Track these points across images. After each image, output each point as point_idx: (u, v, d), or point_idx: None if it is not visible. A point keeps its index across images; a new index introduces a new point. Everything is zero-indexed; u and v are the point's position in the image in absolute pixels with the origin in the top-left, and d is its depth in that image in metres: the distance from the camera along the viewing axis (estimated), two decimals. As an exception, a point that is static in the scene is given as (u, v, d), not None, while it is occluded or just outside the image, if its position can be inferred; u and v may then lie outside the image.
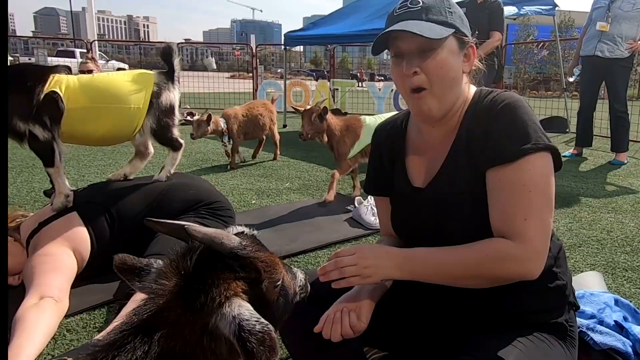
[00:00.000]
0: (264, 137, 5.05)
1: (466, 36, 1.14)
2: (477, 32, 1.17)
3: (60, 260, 1.91)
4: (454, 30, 1.10)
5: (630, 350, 1.31)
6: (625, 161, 4.97)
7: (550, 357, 1.09)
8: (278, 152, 5.13)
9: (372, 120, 3.42)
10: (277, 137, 5.09)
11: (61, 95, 2.09)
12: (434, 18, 1.09)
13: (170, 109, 2.35)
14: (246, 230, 0.92)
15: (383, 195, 1.36)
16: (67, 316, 1.81)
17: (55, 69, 2.17)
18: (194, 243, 0.80)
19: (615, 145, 4.99)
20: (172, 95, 2.36)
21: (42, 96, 2.05)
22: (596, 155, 5.40)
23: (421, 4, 1.10)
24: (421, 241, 1.23)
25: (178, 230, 0.82)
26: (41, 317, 1.64)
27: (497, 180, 1.06)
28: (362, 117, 3.55)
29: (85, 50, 10.89)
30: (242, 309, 0.73)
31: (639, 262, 2.40)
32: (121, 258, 0.84)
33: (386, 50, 1.20)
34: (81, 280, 2.01)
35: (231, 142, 4.63)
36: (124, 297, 1.77)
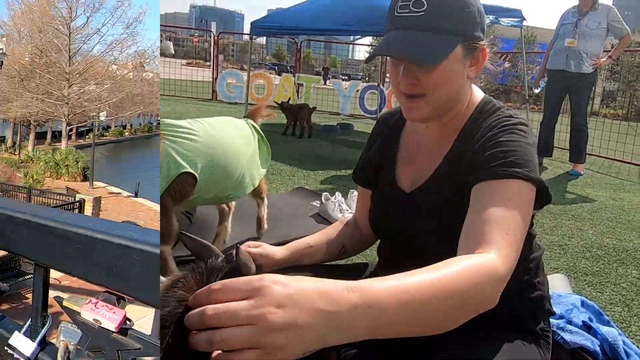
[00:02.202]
0: None
1: (479, 40, 1.02)
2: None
3: None
4: (461, 38, 0.98)
5: (598, 349, 1.32)
6: (582, 172, 5.15)
7: (524, 355, 1.07)
8: None
9: None
10: None
11: None
12: (439, 27, 0.96)
13: None
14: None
15: (367, 188, 1.29)
16: None
17: None
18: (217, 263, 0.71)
19: (574, 156, 5.16)
20: None
21: None
22: (555, 165, 5.56)
23: (426, 6, 0.95)
24: (394, 243, 1.20)
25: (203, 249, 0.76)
26: None
27: (485, 192, 0.93)
28: None
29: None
30: None
31: (598, 268, 2.47)
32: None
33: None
34: None
35: None
36: None
